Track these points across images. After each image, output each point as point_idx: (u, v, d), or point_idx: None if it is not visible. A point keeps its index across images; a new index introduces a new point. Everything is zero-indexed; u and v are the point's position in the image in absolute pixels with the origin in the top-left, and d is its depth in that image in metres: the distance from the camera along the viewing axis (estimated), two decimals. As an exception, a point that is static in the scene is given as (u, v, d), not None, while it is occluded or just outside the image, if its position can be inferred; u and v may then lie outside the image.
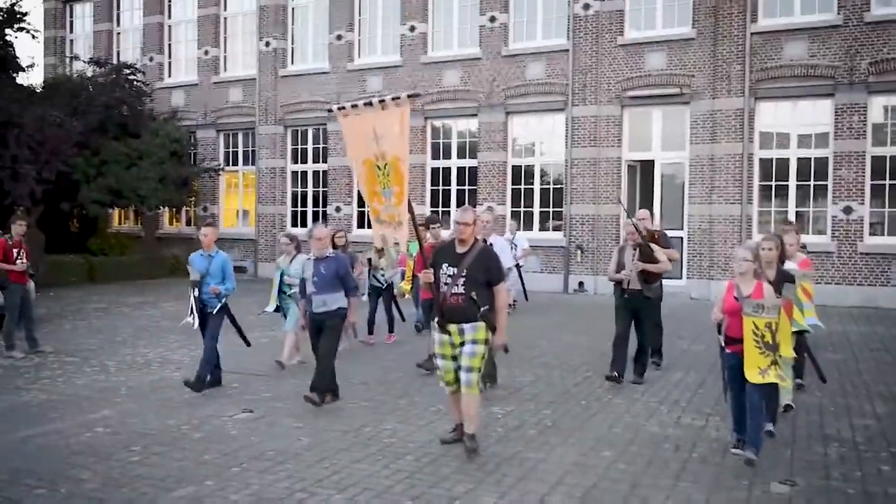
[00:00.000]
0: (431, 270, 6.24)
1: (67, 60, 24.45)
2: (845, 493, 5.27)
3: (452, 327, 6.05)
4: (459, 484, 5.39)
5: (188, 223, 23.34)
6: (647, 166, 17.44)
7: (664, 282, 9.36)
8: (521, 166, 18.71)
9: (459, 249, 6.18)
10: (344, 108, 6.62)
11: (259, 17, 21.66)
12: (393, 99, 6.12)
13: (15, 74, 17.56)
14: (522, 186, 18.60)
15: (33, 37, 17.85)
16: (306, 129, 21.46)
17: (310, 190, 21.43)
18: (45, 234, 18.22)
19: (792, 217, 15.20)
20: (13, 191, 15.96)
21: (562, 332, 11.86)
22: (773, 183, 16.04)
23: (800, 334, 7.04)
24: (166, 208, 22.13)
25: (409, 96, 6.14)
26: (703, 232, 16.36)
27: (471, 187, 19.11)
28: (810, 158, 15.72)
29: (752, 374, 5.76)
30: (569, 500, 5.10)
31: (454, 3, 19.29)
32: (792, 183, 15.85)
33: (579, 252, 17.51)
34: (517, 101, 18.41)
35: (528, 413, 7.34)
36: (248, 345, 9.03)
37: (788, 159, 15.90)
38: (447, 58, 19.18)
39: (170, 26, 23.68)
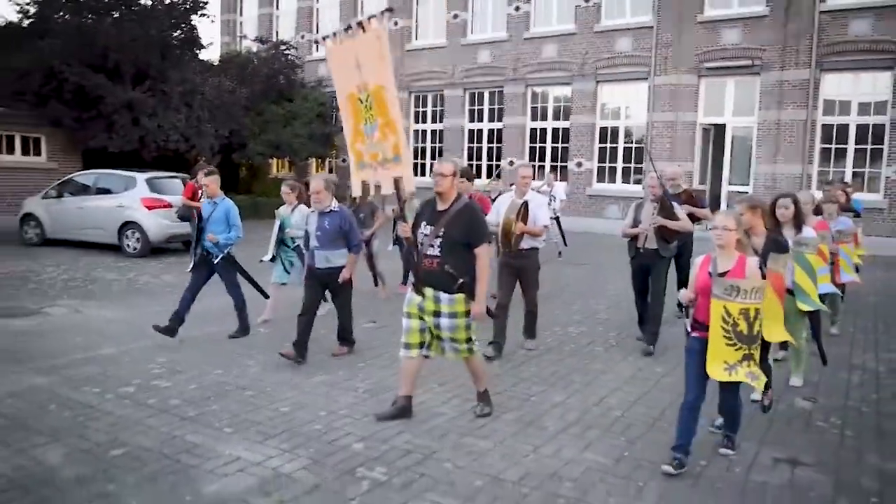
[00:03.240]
0: (408, 225, 4.87)
1: (238, 39, 25.45)
2: (859, 411, 5.29)
3: (428, 291, 4.66)
4: (535, 385, 5.72)
5: (330, 171, 24.17)
6: (720, 129, 16.83)
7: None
8: (608, 128, 18.38)
9: (439, 206, 4.75)
10: (327, 37, 5.04)
11: (388, 0, 21.85)
12: (370, 18, 4.63)
13: (198, 52, 18.47)
14: (608, 145, 18.31)
15: (211, 21, 18.64)
16: (426, 95, 21.71)
17: (428, 145, 21.78)
18: (222, 179, 19.32)
19: (849, 177, 14.45)
20: (197, 144, 16.97)
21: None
22: (833, 146, 15.19)
23: (812, 315, 5.40)
24: (313, 159, 22.96)
25: (382, 12, 4.59)
26: (768, 189, 15.69)
27: (563, 145, 18.99)
28: (869, 125, 14.79)
29: (715, 369, 4.01)
30: (623, 402, 5.34)
31: (554, -15, 18.95)
32: (850, 146, 14.98)
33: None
34: (606, 71, 18.01)
35: (598, 334, 7.55)
36: (266, 297, 7.70)
37: (848, 125, 15.01)
38: (546, 33, 18.90)
39: (318, 9, 24.22)
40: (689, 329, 4.27)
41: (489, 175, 16.63)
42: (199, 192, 11.37)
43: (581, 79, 18.35)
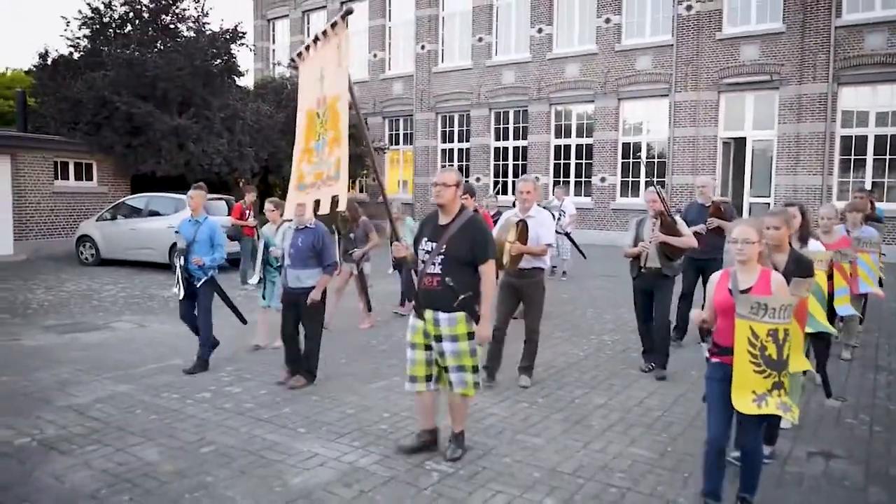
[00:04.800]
0: (401, 244, 4.42)
1: (271, 66, 26.10)
2: (887, 409, 5.47)
3: (428, 314, 4.21)
4: (577, 389, 5.99)
5: (361, 190, 24.65)
6: (740, 143, 17.03)
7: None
8: (630, 143, 18.67)
9: (442, 220, 4.29)
10: (300, 53, 4.70)
11: (416, 25, 22.37)
12: (332, 25, 4.28)
13: (237, 79, 19.04)
14: (631, 160, 18.58)
15: (250, 50, 19.20)
16: (453, 115, 22.14)
17: (455, 164, 22.13)
18: (260, 199, 19.83)
19: (868, 187, 14.52)
20: (238, 167, 17.47)
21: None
22: (852, 157, 15.35)
23: (818, 337, 4.65)
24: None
25: (342, 16, 4.22)
26: (788, 199, 15.87)
27: (587, 161, 19.28)
28: (887, 135, 14.91)
29: (743, 402, 3.44)
30: (663, 403, 5.59)
31: (575, 8, 19.27)
32: (869, 157, 15.13)
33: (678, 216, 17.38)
34: (628, 88, 18.31)
35: (631, 341, 7.72)
36: (244, 322, 7.11)
37: (867, 136, 15.16)
38: (569, 54, 19.26)
39: (347, 35, 24.67)
40: (708, 354, 3.75)
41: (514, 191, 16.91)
42: (247, 212, 11.88)
43: (603, 97, 18.65)
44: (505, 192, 18.71)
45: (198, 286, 6.52)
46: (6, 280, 12.45)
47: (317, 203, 4.37)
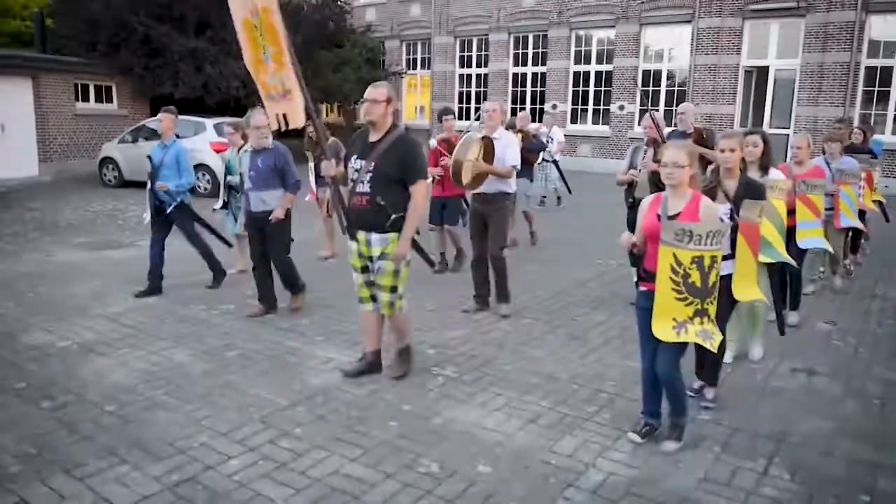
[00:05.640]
0: (332, 163, 4.39)
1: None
2: (875, 334, 5.73)
3: (360, 235, 4.25)
4: (580, 308, 6.35)
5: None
6: (763, 72, 16.77)
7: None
8: (650, 70, 18.44)
9: (372, 137, 4.23)
10: None
11: (435, -55, 21.85)
12: None
13: None
14: (651, 88, 18.39)
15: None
16: (472, 39, 21.84)
17: (473, 90, 22.03)
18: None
19: (890, 120, 14.40)
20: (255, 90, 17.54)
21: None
22: (876, 89, 15.12)
23: (773, 271, 4.61)
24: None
25: None
26: (808, 130, 15.72)
27: (606, 88, 19.11)
28: (913, 67, 14.68)
29: (662, 328, 3.37)
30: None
31: (600, -73, 18.75)
32: (893, 89, 14.89)
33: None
34: (650, 14, 17.96)
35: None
36: (229, 246, 7.21)
37: (892, 67, 14.87)
38: (591, -23, 18.85)
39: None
40: (637, 280, 3.65)
41: (540, 119, 16.69)
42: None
43: (625, 21, 18.33)
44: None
45: (168, 212, 6.48)
46: (35, 200, 12.90)
47: (285, 117, 4.30)
